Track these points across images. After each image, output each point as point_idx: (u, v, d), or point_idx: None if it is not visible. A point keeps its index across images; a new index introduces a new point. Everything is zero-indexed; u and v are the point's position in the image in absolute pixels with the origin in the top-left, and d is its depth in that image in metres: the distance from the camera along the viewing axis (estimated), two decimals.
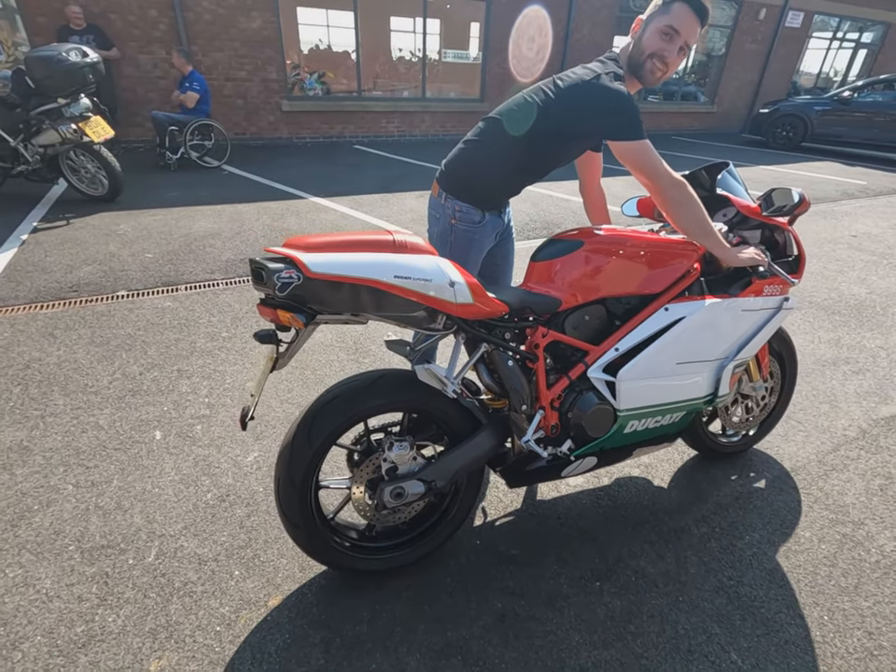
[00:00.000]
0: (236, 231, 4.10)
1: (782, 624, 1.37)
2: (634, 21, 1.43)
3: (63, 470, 1.76)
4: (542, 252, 1.42)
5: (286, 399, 2.19)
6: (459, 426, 1.36)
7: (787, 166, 8.09)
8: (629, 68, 1.42)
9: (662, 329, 1.41)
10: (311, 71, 8.43)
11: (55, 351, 2.43)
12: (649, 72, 1.40)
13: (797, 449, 2.04)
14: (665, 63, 1.38)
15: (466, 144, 1.54)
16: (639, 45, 1.40)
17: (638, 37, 1.40)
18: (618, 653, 1.28)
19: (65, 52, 3.94)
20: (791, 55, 12.09)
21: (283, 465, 1.23)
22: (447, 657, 1.25)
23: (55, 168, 4.36)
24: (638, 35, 1.40)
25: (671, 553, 1.57)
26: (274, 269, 1.02)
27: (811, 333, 2.96)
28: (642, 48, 1.39)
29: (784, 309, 1.59)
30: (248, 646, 1.26)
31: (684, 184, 1.33)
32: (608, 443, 1.48)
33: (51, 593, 1.36)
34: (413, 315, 1.15)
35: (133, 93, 6.63)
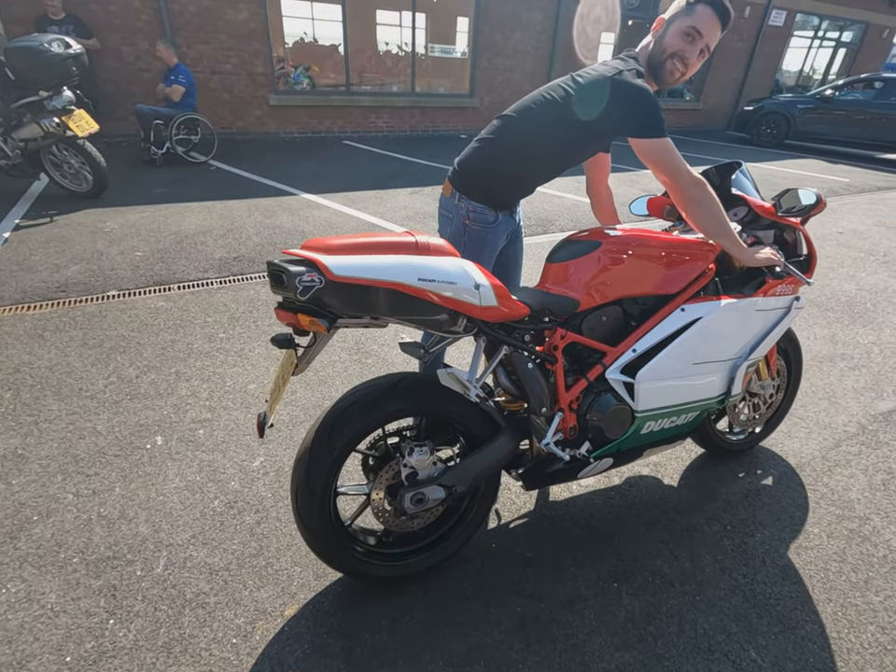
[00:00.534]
0: (227, 228, 4.01)
1: (798, 621, 1.38)
2: (655, 21, 1.41)
3: (62, 479, 1.69)
4: (558, 253, 1.40)
5: (289, 402, 2.14)
6: (478, 429, 1.34)
7: (772, 163, 8.21)
8: (648, 67, 1.41)
9: (679, 330, 1.40)
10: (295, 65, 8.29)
11: (46, 354, 2.35)
12: (668, 72, 1.39)
13: (801, 445, 2.06)
14: (686, 64, 1.38)
15: (480, 143, 1.52)
16: (661, 44, 1.39)
17: (660, 36, 1.39)
18: (640, 655, 1.28)
19: (47, 43, 3.80)
20: (774, 53, 12.27)
21: (301, 473, 1.20)
22: (470, 664, 1.24)
23: (37, 163, 4.21)
24: (660, 34, 1.39)
25: (685, 553, 1.57)
26: (296, 272, 0.98)
27: (807, 330, 3.00)
28: (664, 47, 1.38)
29: (795, 308, 1.60)
30: (267, 658, 1.23)
31: (704, 183, 1.32)
32: (624, 444, 1.48)
33: (57, 608, 1.31)
34: (436, 318, 1.13)
35: (116, 86, 6.44)
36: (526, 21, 8.91)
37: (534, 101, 1.43)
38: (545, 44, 9.27)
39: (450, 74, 9.27)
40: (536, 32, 9.08)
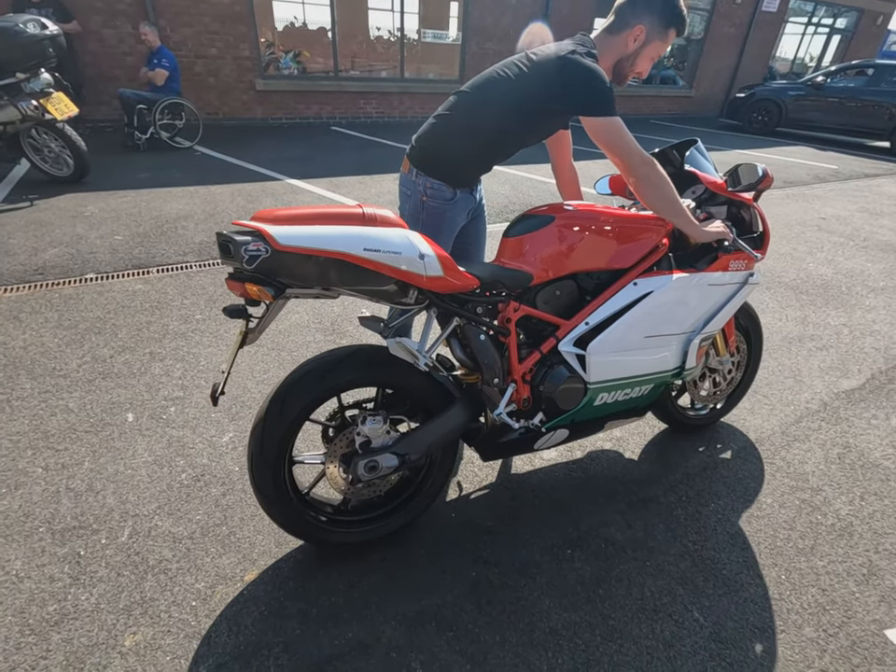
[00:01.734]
0: (210, 212, 4.01)
1: (742, 584, 1.44)
2: (636, 28, 1.41)
3: (32, 454, 1.72)
4: (514, 228, 1.42)
5: (261, 380, 2.17)
6: (433, 400, 1.37)
7: (762, 150, 8.21)
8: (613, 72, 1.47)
9: (631, 304, 1.44)
10: (286, 50, 8.20)
11: (21, 335, 2.36)
12: (625, 79, 1.51)
13: (762, 421, 2.11)
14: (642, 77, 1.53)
15: (436, 119, 1.53)
16: (632, 61, 1.47)
17: (635, 53, 1.45)
18: (587, 615, 1.33)
19: (23, 24, 3.75)
20: (768, 40, 12.20)
21: (256, 440, 1.23)
22: (422, 624, 1.29)
23: (16, 147, 4.18)
24: (636, 48, 1.44)
25: (640, 522, 1.62)
26: (242, 241, 1.00)
27: (779, 312, 3.05)
28: (634, 65, 1.48)
29: (749, 284, 1.63)
30: (224, 619, 1.27)
31: (654, 163, 1.35)
32: (579, 416, 1.51)
33: (22, 574, 1.34)
34: (384, 289, 1.16)
35: (98, 70, 6.36)
36: (517, 4, 8.82)
37: (488, 77, 1.45)
38: None
39: (440, 59, 9.20)
40: (526, 15, 9.00)
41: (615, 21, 1.42)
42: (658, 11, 1.39)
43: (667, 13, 1.40)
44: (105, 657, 1.17)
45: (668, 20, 1.41)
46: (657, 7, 1.38)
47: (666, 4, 1.39)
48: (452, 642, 1.25)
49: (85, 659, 1.17)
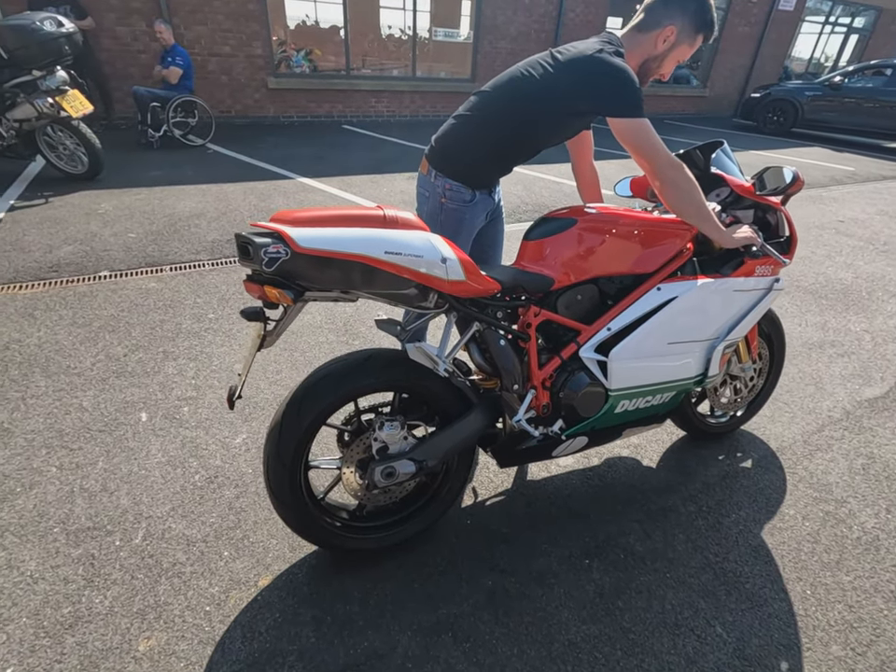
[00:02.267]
0: (222, 211, 4.01)
1: (766, 599, 1.40)
2: (667, 28, 1.37)
3: (46, 452, 1.72)
4: (535, 231, 1.39)
5: (274, 381, 2.16)
6: (450, 405, 1.35)
7: (777, 151, 8.10)
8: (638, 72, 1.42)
9: (654, 309, 1.40)
10: (297, 48, 8.20)
11: (35, 332, 2.37)
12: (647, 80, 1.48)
13: (783, 429, 2.06)
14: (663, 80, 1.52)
15: (456, 119, 1.50)
16: (659, 62, 1.44)
17: (663, 54, 1.42)
18: (606, 628, 1.30)
19: (39, 21, 3.77)
20: (784, 39, 12.03)
21: (272, 444, 1.21)
22: (438, 634, 1.26)
23: (32, 144, 4.20)
24: (665, 50, 1.41)
25: (659, 532, 1.59)
26: (261, 243, 0.98)
27: (798, 317, 2.99)
28: (661, 67, 1.45)
29: (774, 290, 1.59)
30: (239, 625, 1.25)
31: (682, 166, 1.31)
32: (598, 423, 1.48)
33: (36, 575, 1.34)
34: (404, 293, 1.13)
35: (113, 67, 6.39)
36: (530, 3, 8.76)
37: (511, 77, 1.41)
38: (549, 27, 9.12)
39: (451, 58, 9.15)
40: (539, 14, 8.93)
41: (645, 18, 1.38)
42: (691, 14, 1.35)
43: (699, 17, 1.37)
44: (119, 662, 1.16)
45: (699, 24, 1.38)
46: (691, 10, 1.35)
47: (701, 7, 1.36)
48: (469, 653, 1.22)
49: (99, 664, 1.16)
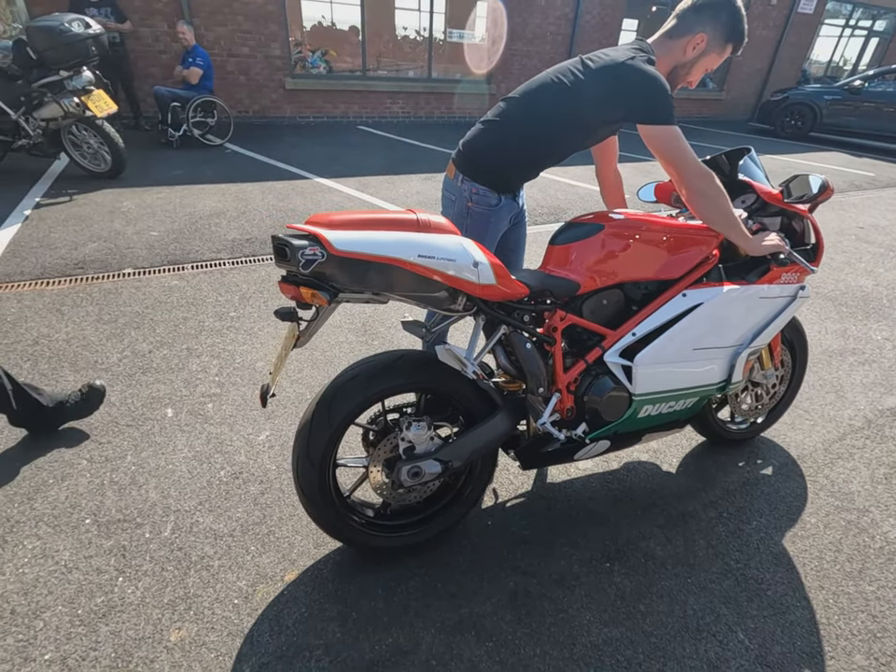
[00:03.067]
0: (241, 210, 4.06)
1: (788, 606, 1.40)
2: (698, 35, 1.38)
3: (77, 446, 1.76)
4: (561, 236, 1.41)
5: (296, 380, 2.19)
6: (476, 407, 1.36)
7: (794, 156, 8.02)
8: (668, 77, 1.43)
9: (679, 315, 1.41)
10: (313, 49, 8.26)
11: (63, 327, 2.42)
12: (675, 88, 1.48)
13: (803, 437, 2.05)
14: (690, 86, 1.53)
15: (485, 124, 1.52)
16: (688, 69, 1.45)
17: (692, 61, 1.43)
18: (628, 631, 1.31)
19: (68, 23, 3.85)
20: (803, 42, 11.90)
21: (302, 442, 1.24)
22: (461, 632, 1.28)
23: (57, 143, 4.29)
24: (694, 57, 1.42)
25: (679, 537, 1.59)
26: (299, 246, 1.01)
27: (818, 324, 2.97)
28: (689, 75, 1.46)
29: (800, 297, 1.59)
30: (266, 618, 1.28)
31: (711, 175, 1.31)
32: (621, 427, 1.49)
33: (70, 564, 1.37)
34: (435, 296, 1.15)
35: (134, 67, 6.50)
36: (546, 6, 8.76)
37: (542, 83, 1.43)
38: (565, 29, 9.12)
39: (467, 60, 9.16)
40: (556, 17, 8.93)
41: (677, 25, 1.39)
42: (723, 22, 1.36)
43: (731, 27, 1.37)
44: (151, 651, 1.19)
45: (730, 34, 1.39)
46: (723, 18, 1.36)
47: (733, 17, 1.36)
48: (492, 652, 1.24)
49: (133, 652, 1.19)
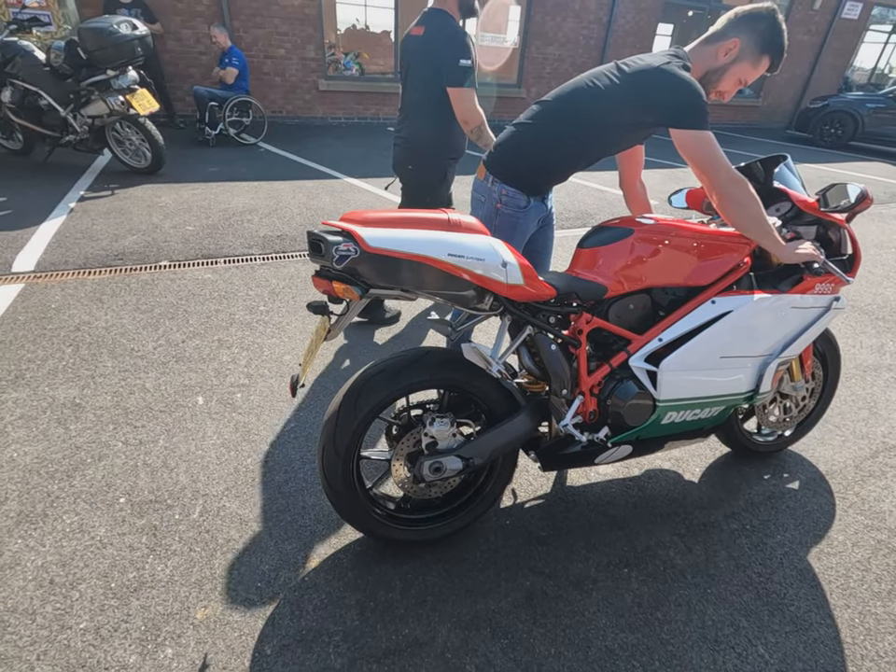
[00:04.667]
0: (273, 207, 4.16)
1: (811, 623, 1.37)
2: (731, 40, 1.37)
3: (113, 428, 1.84)
4: (590, 239, 1.41)
5: (321, 373, 2.24)
6: (499, 406, 1.38)
7: (832, 165, 7.78)
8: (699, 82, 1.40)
9: (707, 322, 1.40)
10: (346, 51, 8.40)
11: (103, 315, 2.53)
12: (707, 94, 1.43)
13: (833, 453, 2.00)
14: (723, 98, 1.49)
15: (517, 127, 1.54)
16: (719, 76, 1.42)
17: (723, 67, 1.40)
18: (644, 638, 1.30)
19: (116, 25, 4.02)
20: (846, 48, 11.54)
21: (328, 434, 1.27)
22: (477, 628, 1.29)
23: (101, 139, 4.48)
24: (726, 62, 1.40)
25: (700, 546, 1.57)
26: (333, 241, 1.04)
27: (853, 338, 2.88)
28: (720, 81, 1.42)
29: (834, 309, 1.56)
30: (287, 603, 1.32)
31: (744, 181, 1.30)
32: (644, 433, 1.48)
33: (105, 540, 1.44)
34: (462, 294, 1.17)
35: (175, 68, 6.73)
36: (580, 9, 8.72)
37: (576, 87, 1.44)
38: (598, 33, 9.06)
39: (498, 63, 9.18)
40: (589, 21, 8.88)
41: (714, 32, 1.39)
42: (759, 32, 1.34)
43: (768, 37, 1.35)
44: (178, 627, 1.24)
45: (766, 44, 1.36)
46: (760, 28, 1.34)
47: (771, 28, 1.34)
48: (507, 650, 1.25)
49: (161, 627, 1.24)
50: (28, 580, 1.32)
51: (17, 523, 1.47)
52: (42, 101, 4.19)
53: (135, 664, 1.16)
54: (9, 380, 2.04)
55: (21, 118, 4.32)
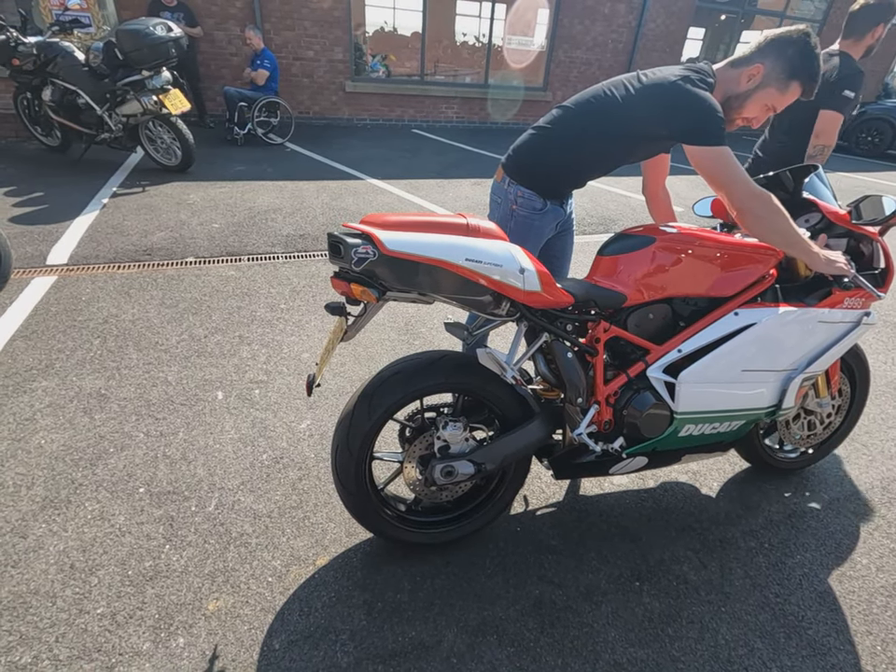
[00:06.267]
0: (296, 207, 4.23)
1: (830, 648, 1.32)
2: (755, 66, 1.33)
3: (136, 419, 1.89)
4: (611, 246, 1.40)
5: (338, 373, 2.26)
6: (512, 412, 1.37)
7: (869, 175, 7.53)
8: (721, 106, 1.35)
9: (730, 334, 1.37)
10: (373, 53, 8.49)
11: (130, 309, 2.61)
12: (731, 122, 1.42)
13: (859, 473, 1.93)
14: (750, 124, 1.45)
15: (536, 130, 1.53)
16: (741, 102, 1.38)
17: (746, 93, 1.36)
18: (654, 654, 1.28)
19: (153, 27, 4.14)
20: (887, 53, 11.14)
21: (342, 433, 1.28)
22: (483, 634, 1.29)
23: (134, 137, 4.62)
24: (748, 88, 1.35)
25: (715, 563, 1.54)
26: (352, 244, 1.06)
27: (885, 354, 2.78)
28: (743, 107, 1.38)
29: (864, 324, 1.51)
30: (297, 599, 1.33)
31: (764, 195, 1.25)
32: (660, 445, 1.46)
33: (124, 528, 1.48)
34: (479, 299, 1.17)
35: (207, 69, 6.88)
36: (610, 13, 8.63)
37: (594, 94, 1.43)
38: (627, 37, 8.95)
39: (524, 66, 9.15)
40: (618, 24, 8.79)
41: (742, 55, 1.36)
42: (787, 57, 1.29)
43: (797, 63, 1.30)
44: (190, 617, 1.27)
45: (795, 70, 1.30)
46: (788, 53, 1.29)
47: (800, 53, 1.29)
48: (513, 658, 1.24)
49: (174, 616, 1.27)
50: (50, 563, 1.37)
51: (42, 507, 1.52)
52: (80, 100, 4.34)
53: (148, 651, 1.19)
54: (40, 368, 2.12)
55: (60, 115, 4.49)
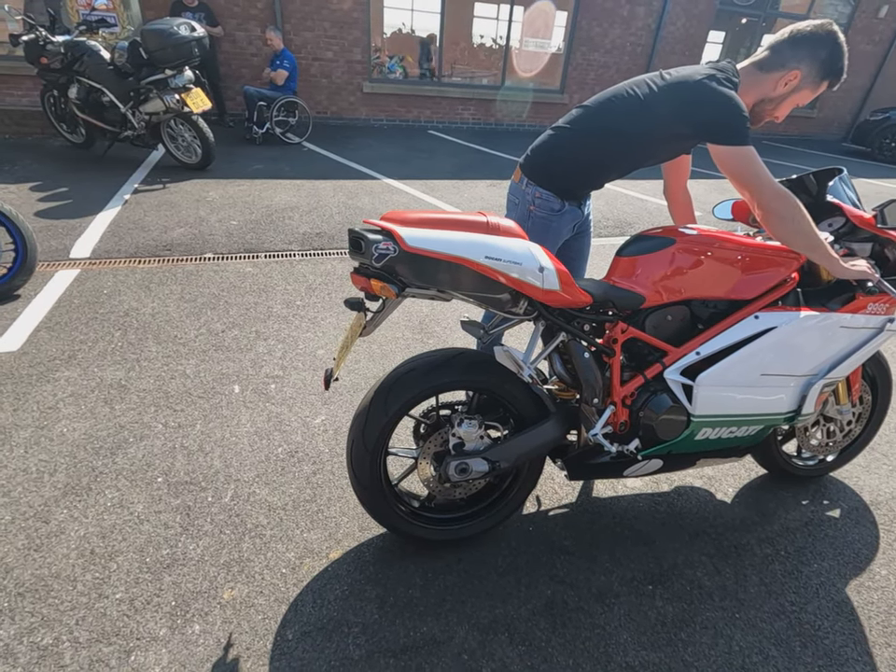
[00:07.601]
0: (313, 205, 4.27)
1: (847, 659, 1.30)
2: (792, 72, 1.32)
3: (154, 410, 1.93)
4: (630, 247, 1.39)
5: (353, 370, 2.28)
6: (528, 411, 1.37)
7: (893, 181, 7.38)
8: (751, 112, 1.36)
9: (749, 338, 1.35)
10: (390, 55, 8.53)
11: (150, 303, 2.65)
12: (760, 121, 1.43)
13: (879, 482, 1.90)
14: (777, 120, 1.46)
15: (555, 130, 1.53)
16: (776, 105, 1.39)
17: (782, 97, 1.37)
18: (667, 658, 1.27)
19: (177, 26, 4.21)
20: None
21: (358, 428, 1.30)
22: (495, 632, 1.29)
23: (156, 135, 4.70)
24: (785, 93, 1.36)
25: (730, 569, 1.52)
26: (373, 240, 1.07)
27: None
28: (777, 110, 1.40)
29: (888, 330, 1.48)
30: (310, 591, 1.35)
31: (789, 196, 1.25)
32: (676, 448, 1.45)
33: (142, 516, 1.51)
34: (498, 297, 1.18)
35: (228, 68, 6.98)
36: (629, 16, 8.58)
37: (615, 94, 1.42)
38: (645, 40, 8.89)
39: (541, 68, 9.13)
40: (637, 27, 8.73)
41: (770, 57, 1.34)
42: (821, 60, 1.29)
43: (830, 64, 1.30)
44: (206, 605, 1.29)
45: (828, 71, 1.31)
46: (822, 55, 1.29)
47: (833, 54, 1.29)
48: (524, 656, 1.24)
49: (190, 603, 1.29)
50: (71, 548, 1.40)
51: (64, 494, 1.56)
52: (105, 98, 4.43)
53: (165, 637, 1.22)
54: (63, 359, 2.17)
55: (85, 113, 4.58)
